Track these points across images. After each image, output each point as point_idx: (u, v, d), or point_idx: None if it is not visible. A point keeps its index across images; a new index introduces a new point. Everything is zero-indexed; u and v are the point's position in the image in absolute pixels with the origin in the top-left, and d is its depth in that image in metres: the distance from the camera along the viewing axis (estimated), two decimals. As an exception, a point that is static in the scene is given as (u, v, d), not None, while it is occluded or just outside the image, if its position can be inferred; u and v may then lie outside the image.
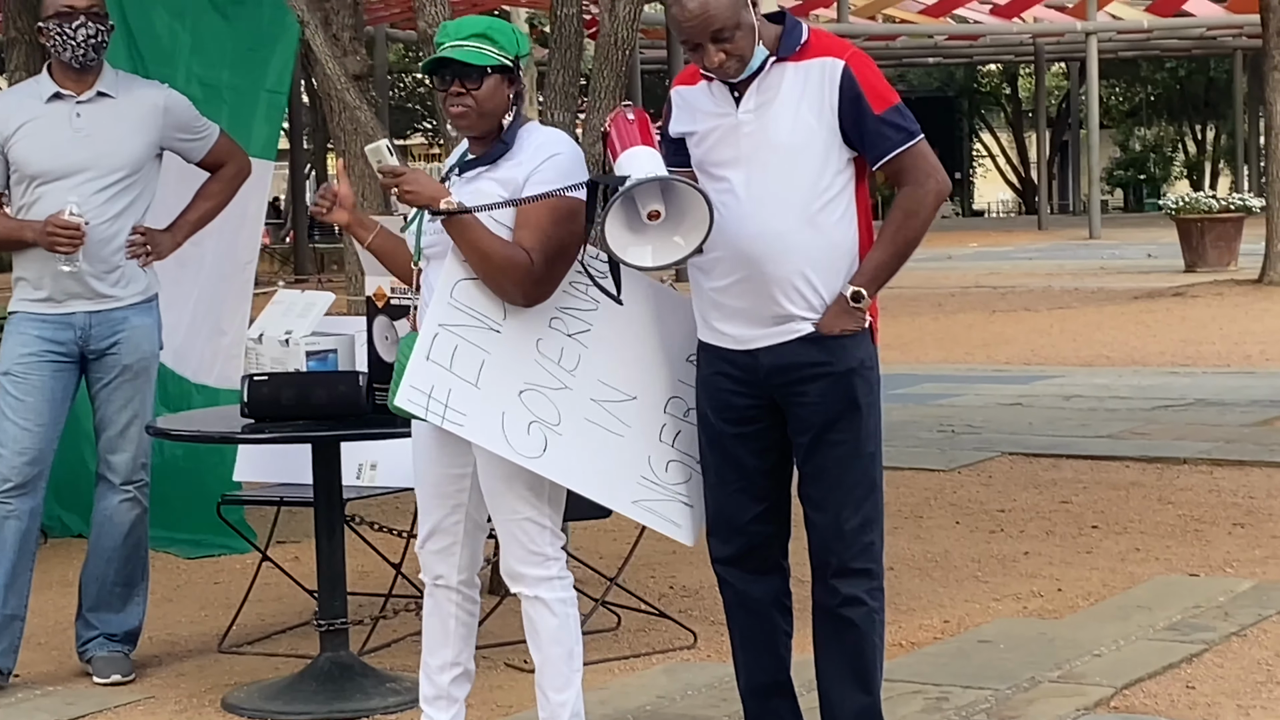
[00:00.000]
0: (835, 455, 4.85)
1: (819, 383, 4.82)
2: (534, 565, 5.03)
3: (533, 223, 4.91)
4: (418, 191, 4.89)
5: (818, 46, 4.83)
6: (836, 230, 4.81)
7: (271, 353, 6.21)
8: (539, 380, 4.94)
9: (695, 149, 4.92)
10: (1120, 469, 10.29)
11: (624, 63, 7.47)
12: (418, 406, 4.81)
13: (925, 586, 7.59)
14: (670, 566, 7.97)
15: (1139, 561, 7.91)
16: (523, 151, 5.03)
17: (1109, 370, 15.31)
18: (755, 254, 4.78)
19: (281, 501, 7.29)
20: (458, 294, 4.91)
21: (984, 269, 30.04)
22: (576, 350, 5.01)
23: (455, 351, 4.86)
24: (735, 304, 4.86)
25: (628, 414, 5.06)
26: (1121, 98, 63.84)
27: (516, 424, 4.88)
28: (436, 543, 5.22)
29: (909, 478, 10.18)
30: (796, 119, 4.79)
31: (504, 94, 5.03)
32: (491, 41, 5.00)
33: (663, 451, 5.09)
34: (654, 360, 5.12)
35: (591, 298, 5.04)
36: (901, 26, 43.50)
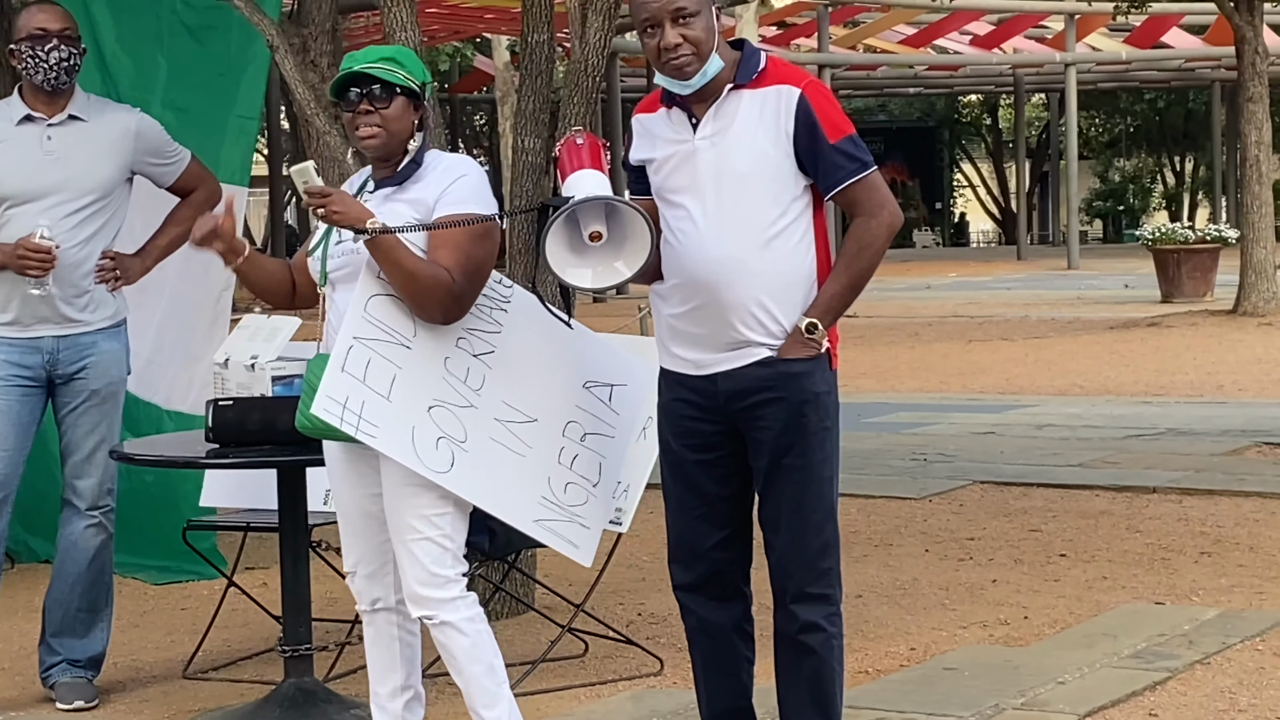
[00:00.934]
0: (792, 480, 4.87)
1: (776, 407, 4.83)
2: (435, 588, 5.05)
3: (450, 243, 4.98)
4: (344, 212, 4.95)
5: (775, 74, 4.85)
6: (793, 256, 4.83)
7: (237, 377, 6.21)
8: (447, 397, 5.05)
9: (654, 176, 4.94)
10: (1090, 498, 10.31)
11: (594, 89, 7.48)
12: (333, 416, 4.89)
13: (893, 614, 7.59)
14: (638, 593, 7.97)
15: (1106, 590, 7.93)
16: (431, 173, 5.12)
17: (1082, 400, 15.35)
18: (712, 280, 4.80)
19: (248, 527, 7.27)
20: (371, 308, 5.00)
21: (962, 298, 30.11)
22: (481, 370, 5.12)
23: (369, 364, 4.96)
24: (693, 330, 4.87)
25: (529, 435, 5.18)
26: (1101, 129, 64.02)
27: (426, 438, 4.98)
28: (366, 567, 5.27)
29: (880, 505, 10.19)
30: (753, 145, 4.81)
31: (410, 117, 5.12)
32: (400, 65, 5.12)
33: (561, 473, 5.22)
34: (552, 385, 5.26)
35: (495, 320, 5.16)
36: (882, 57, 43.63)
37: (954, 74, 47.53)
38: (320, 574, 7.12)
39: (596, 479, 5.28)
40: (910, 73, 46.97)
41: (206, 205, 6.82)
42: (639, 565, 8.59)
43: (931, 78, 48.70)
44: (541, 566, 7.73)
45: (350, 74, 5.08)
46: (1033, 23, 42.20)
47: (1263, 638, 6.99)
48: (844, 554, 5.05)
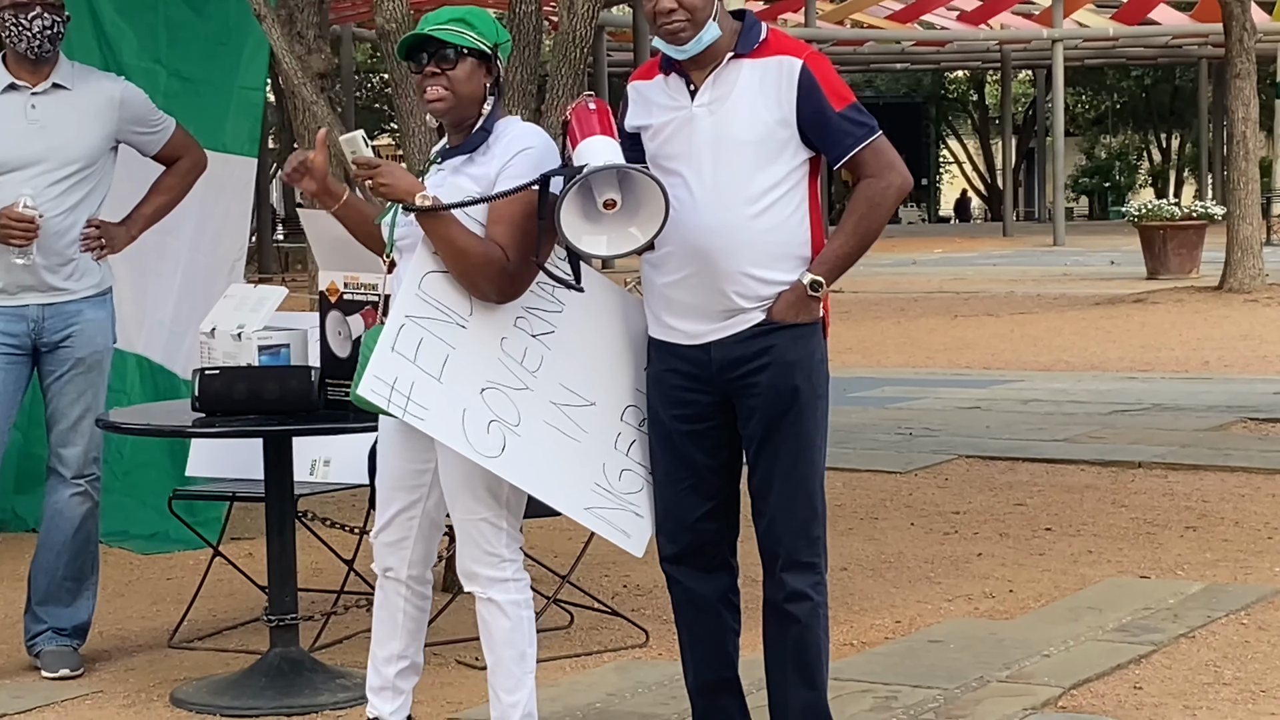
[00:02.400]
0: (786, 446, 4.86)
1: (769, 373, 4.82)
2: (489, 566, 5.01)
3: (506, 218, 4.85)
4: (392, 185, 4.82)
5: (776, 45, 4.85)
6: (787, 225, 4.82)
7: (224, 347, 6.20)
8: (501, 379, 4.89)
9: (649, 142, 4.92)
10: (1075, 472, 10.33)
11: (582, 60, 7.47)
12: (380, 397, 4.74)
13: (878, 587, 7.60)
14: (624, 565, 7.97)
15: (1091, 563, 7.94)
16: (497, 145, 4.96)
17: (1068, 375, 15.37)
18: (706, 248, 4.79)
19: (234, 497, 7.27)
20: (426, 286, 4.85)
21: (948, 274, 30.14)
22: (540, 351, 4.96)
23: (420, 344, 4.81)
24: (686, 299, 4.86)
25: (586, 419, 5.01)
26: (1087, 105, 64.09)
27: (477, 422, 4.83)
28: (390, 535, 5.20)
29: (866, 479, 10.21)
30: (752, 114, 4.80)
31: (480, 80, 4.95)
32: (470, 26, 4.94)
33: (617, 460, 5.05)
34: (614, 367, 5.09)
35: (557, 299, 4.99)
36: (869, 32, 43.64)
37: (941, 50, 47.57)
38: (306, 544, 7.12)
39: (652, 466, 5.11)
40: (897, 48, 46.98)
41: (192, 174, 6.81)
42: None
43: (918, 53, 48.72)
44: (527, 538, 7.67)
45: (418, 36, 4.96)
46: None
47: (1247, 611, 7.01)
48: (829, 527, 5.05)
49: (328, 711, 6.00)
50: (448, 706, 6.00)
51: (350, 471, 7.03)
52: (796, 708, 4.99)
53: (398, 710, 5.30)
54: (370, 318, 5.61)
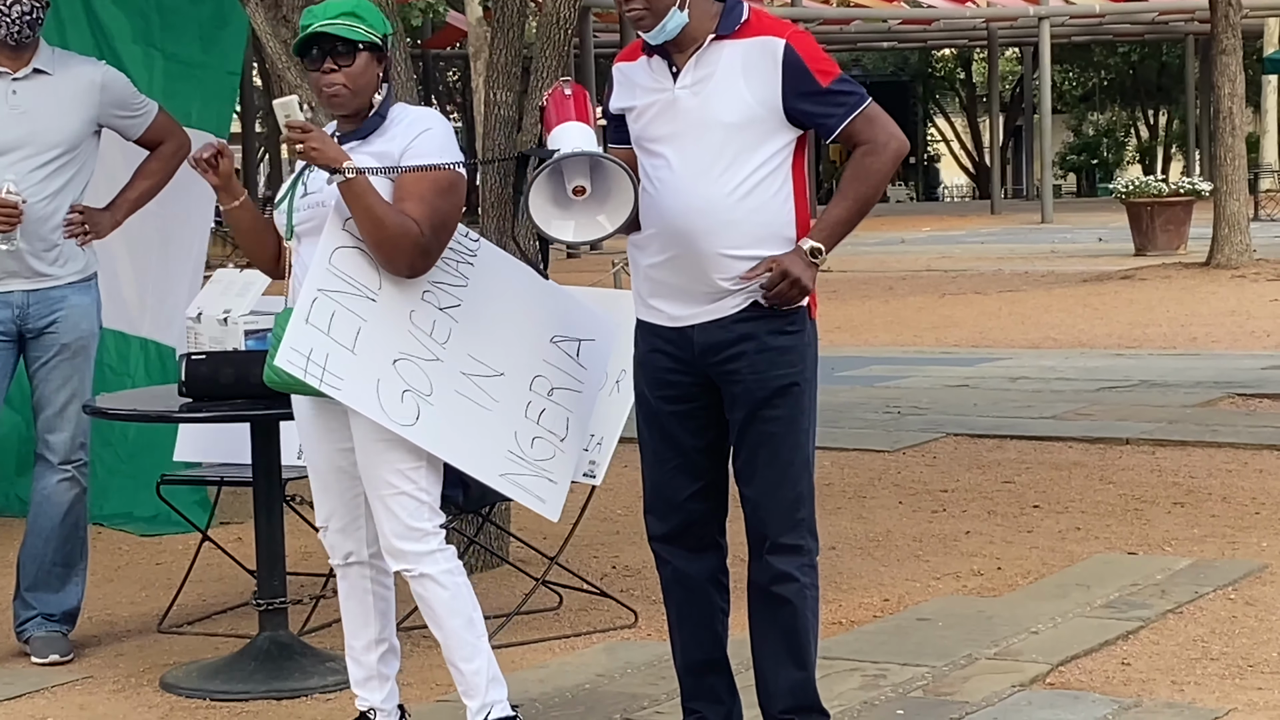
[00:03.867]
0: (769, 431, 4.86)
1: (753, 358, 4.82)
2: (414, 541, 5.04)
3: (417, 195, 4.96)
4: (322, 150, 4.91)
5: (758, 25, 4.83)
6: (771, 206, 4.81)
7: (210, 332, 6.21)
8: (412, 350, 5.02)
9: (634, 124, 4.92)
10: (1063, 449, 10.34)
11: (566, 42, 7.46)
12: (296, 368, 4.87)
13: (866, 566, 7.62)
14: (613, 546, 7.98)
15: (1079, 540, 7.96)
16: (395, 127, 5.09)
17: (1055, 352, 15.39)
18: (690, 229, 4.79)
19: (222, 481, 7.28)
20: (336, 260, 4.97)
21: (936, 253, 30.16)
22: (447, 324, 5.09)
23: (333, 317, 4.93)
24: (670, 280, 4.86)
25: (495, 389, 5.15)
26: (1074, 82, 64.09)
27: (391, 391, 4.96)
28: (338, 521, 5.26)
29: (854, 458, 10.22)
30: (734, 95, 4.78)
31: (374, 71, 5.09)
32: (360, 19, 5.05)
33: (528, 428, 5.20)
34: (520, 339, 5.23)
35: (461, 274, 5.14)
36: (855, 10, 43.62)
37: (928, 28, 47.54)
38: (295, 528, 7.12)
39: (564, 434, 5.27)
40: (884, 27, 46.95)
41: (175, 158, 6.81)
42: (612, 518, 8.61)
43: (905, 31, 48.70)
44: (516, 520, 7.74)
45: (312, 33, 5.04)
46: (1007, -24, 42.21)
47: (1235, 587, 7.03)
48: (818, 506, 5.04)
49: (317, 695, 6.02)
50: (436, 690, 6.01)
51: (338, 455, 7.01)
52: (785, 688, 5.00)
53: (388, 698, 5.31)
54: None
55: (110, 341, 8.99)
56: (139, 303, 8.97)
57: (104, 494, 8.76)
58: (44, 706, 6.04)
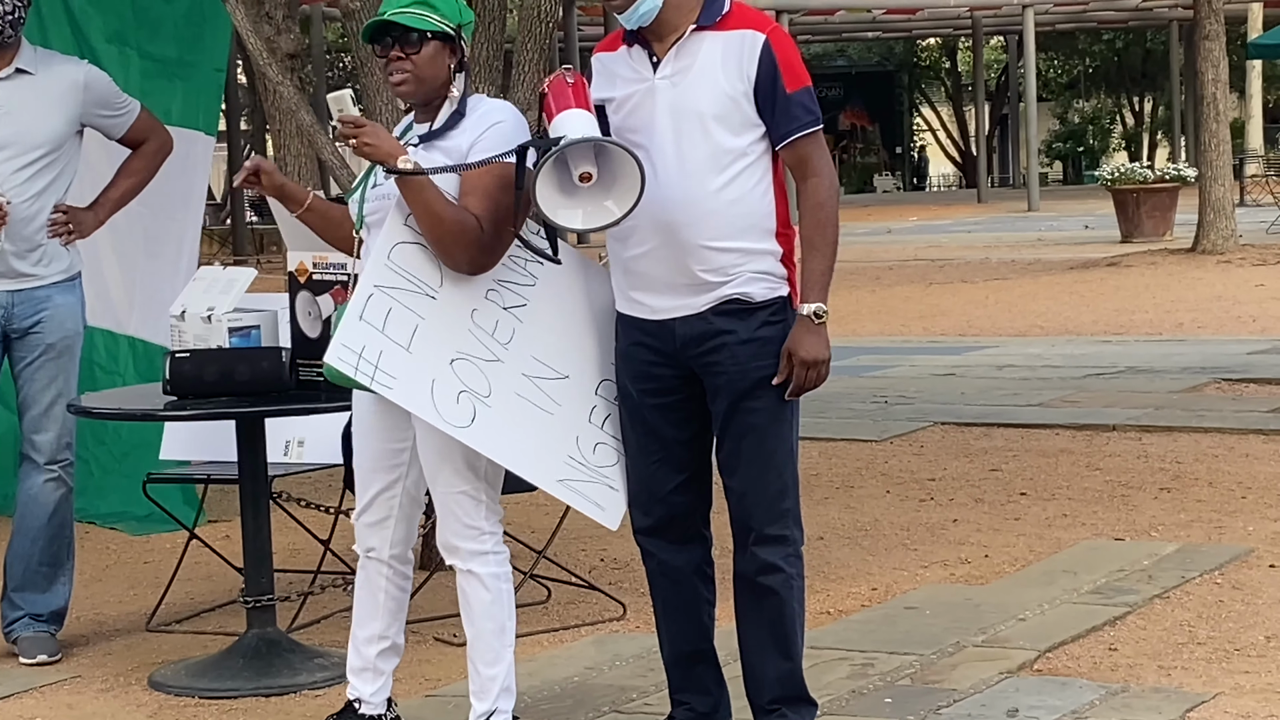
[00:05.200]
0: (751, 423, 4.86)
1: (734, 350, 4.82)
2: (469, 539, 5.02)
3: (480, 190, 4.87)
4: (376, 145, 4.83)
5: (740, 18, 4.83)
6: (750, 198, 4.81)
7: (194, 329, 6.19)
8: (471, 350, 4.90)
9: (614, 115, 4.91)
10: (1050, 436, 10.36)
11: (548, 36, 7.46)
12: (347, 365, 4.75)
13: (854, 555, 7.62)
14: (600, 539, 7.98)
15: (1066, 527, 7.97)
16: (468, 120, 4.99)
17: (1042, 340, 15.41)
18: (669, 221, 4.79)
19: (208, 479, 7.27)
20: (395, 257, 4.86)
21: (923, 242, 30.17)
22: (511, 324, 4.96)
23: (389, 314, 4.81)
24: (651, 272, 4.86)
25: (559, 392, 5.01)
26: (1059, 70, 64.05)
27: (446, 392, 4.83)
28: (371, 515, 5.21)
29: (841, 448, 10.23)
30: (714, 87, 4.78)
31: (444, 61, 4.98)
32: (432, 8, 4.96)
33: (591, 433, 5.05)
34: (589, 341, 5.09)
35: (530, 273, 5.00)
36: (839, 1, 43.55)
37: (912, 17, 47.49)
38: (282, 525, 7.13)
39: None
40: (868, 16, 46.91)
41: (158, 156, 6.80)
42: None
43: (890, 21, 48.64)
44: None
45: (381, 20, 4.97)
46: (990, -36, 42.20)
47: (1221, 571, 7.05)
48: (805, 496, 5.06)
49: (306, 691, 6.02)
50: (425, 684, 6.01)
51: (325, 451, 7.01)
52: (772, 678, 5.01)
53: (378, 691, 5.31)
54: (340, 297, 5.62)
55: (99, 340, 9.00)
56: (127, 301, 8.97)
57: (99, 493, 8.76)
58: (32, 706, 6.04)
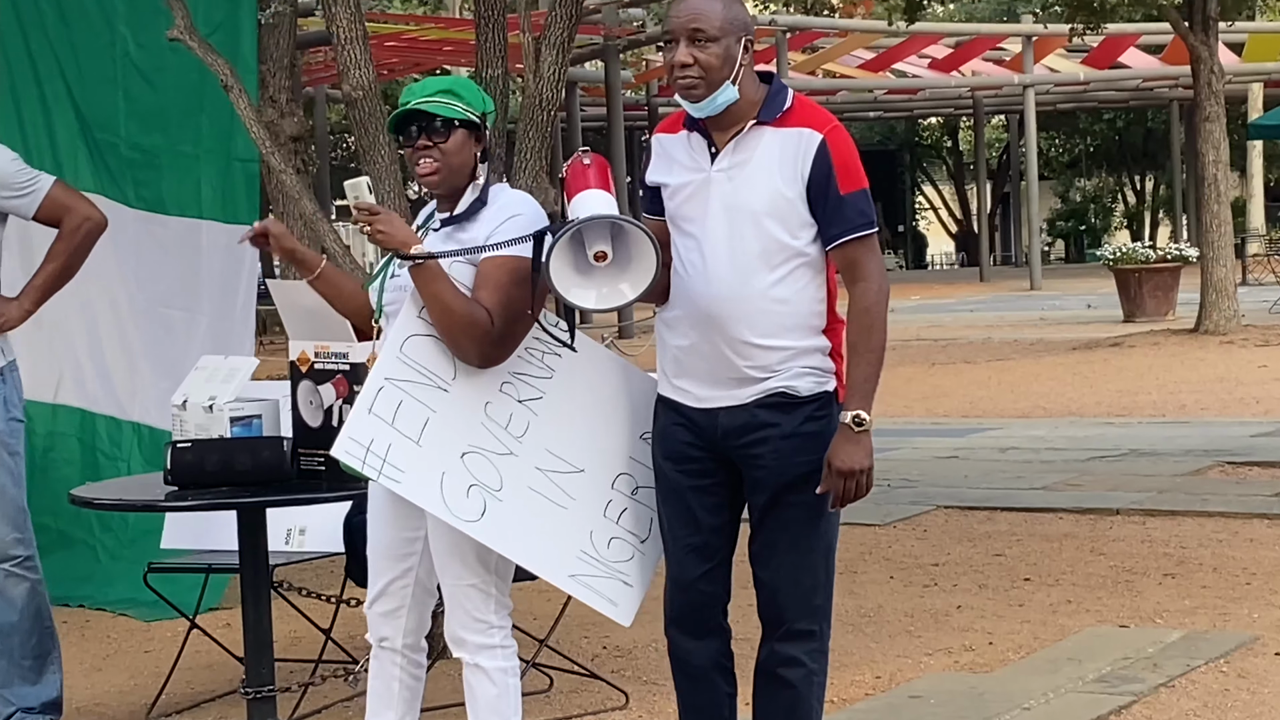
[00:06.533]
0: (791, 517, 4.80)
1: (778, 444, 4.77)
2: (477, 632, 4.98)
3: (492, 282, 4.85)
4: (390, 234, 4.82)
5: (801, 115, 4.78)
6: (801, 297, 4.76)
7: (196, 419, 6.17)
8: (484, 444, 4.86)
9: (669, 201, 4.86)
10: (1054, 520, 10.33)
11: (549, 122, 7.47)
12: (354, 459, 4.72)
13: (858, 642, 7.59)
14: (603, 627, 7.94)
15: (1070, 613, 7.94)
16: (487, 210, 4.98)
17: (1045, 422, 15.39)
18: (717, 315, 4.75)
19: (209, 569, 7.24)
20: (408, 349, 4.84)
21: (925, 321, 30.19)
22: (526, 417, 4.92)
23: (400, 407, 4.78)
24: (697, 362, 4.82)
25: (574, 486, 4.97)
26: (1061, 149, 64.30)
27: (456, 486, 4.79)
28: (384, 604, 5.17)
29: (844, 533, 10.00)
30: (769, 184, 4.73)
31: (470, 150, 4.98)
32: (457, 97, 4.96)
33: (606, 527, 5.00)
34: (607, 434, 5.04)
35: (547, 365, 4.97)
36: (841, 81, 43.76)
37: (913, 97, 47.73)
38: (283, 614, 7.09)
39: (645, 535, 5.05)
40: (870, 97, 47.15)
41: (78, 234, 6.51)
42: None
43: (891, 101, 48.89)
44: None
45: (407, 110, 4.98)
46: (991, 45, 42.40)
47: (1227, 659, 7.01)
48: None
49: (306, 783, 5.99)
50: (427, 775, 5.97)
51: (326, 540, 7.00)
52: (784, 770, 4.94)
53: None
54: (341, 386, 5.61)
55: (101, 427, 9.02)
56: (130, 387, 8.99)
57: (106, 580, 8.75)
58: (32, 799, 6.01)
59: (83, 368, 9.14)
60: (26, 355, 9.00)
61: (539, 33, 7.47)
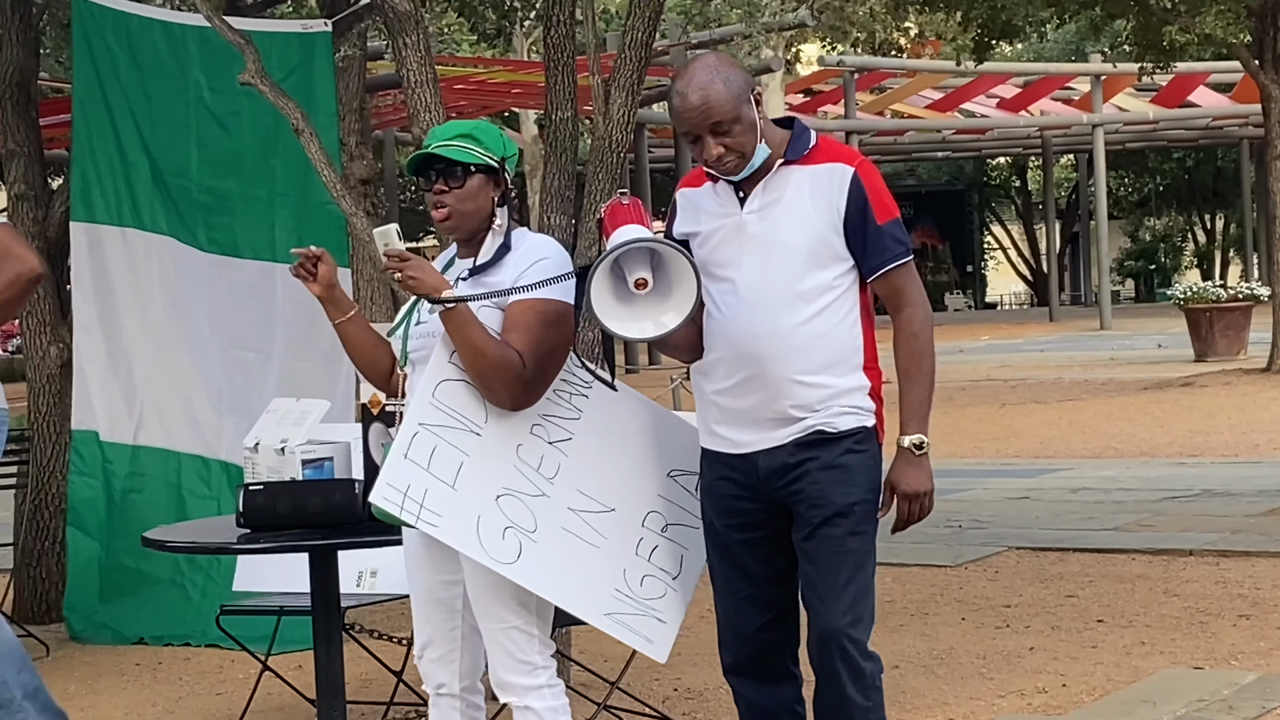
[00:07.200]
0: (828, 550, 4.80)
1: (816, 475, 4.78)
2: (523, 674, 4.97)
3: (522, 325, 4.86)
4: (420, 279, 4.83)
5: (827, 152, 4.83)
6: (838, 331, 4.79)
7: (267, 461, 6.21)
8: (517, 486, 4.89)
9: (699, 249, 4.88)
10: (1126, 561, 10.26)
11: (619, 164, 7.49)
12: (392, 504, 4.74)
13: (930, 684, 7.55)
14: (675, 669, 7.93)
15: (1144, 655, 7.88)
16: (512, 255, 5.00)
17: (1117, 462, 15.30)
18: (757, 354, 4.77)
19: (281, 611, 7.26)
20: (440, 394, 4.86)
21: (995, 361, 30.07)
22: (556, 458, 4.95)
23: (434, 451, 4.81)
24: (736, 405, 4.84)
25: (605, 525, 5.00)
26: (1130, 188, 64.06)
27: (491, 528, 4.82)
28: (435, 651, 5.17)
29: (915, 574, 10.15)
30: (802, 220, 4.77)
31: (488, 195, 5.00)
32: (476, 141, 4.98)
33: (638, 565, 5.03)
34: (635, 473, 5.08)
35: (575, 406, 5.00)
36: (909, 122, 43.73)
37: (982, 137, 47.63)
38: (355, 655, 7.11)
39: (677, 571, 5.09)
40: (938, 137, 47.07)
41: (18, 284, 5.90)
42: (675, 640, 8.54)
43: (959, 141, 48.80)
44: (576, 643, 7.70)
45: (426, 154, 5.00)
46: (1059, 85, 42.33)
47: (1303, 701, 6.95)
48: (879, 624, 4.99)
49: (379, 825, 5.99)
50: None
51: (397, 582, 6.99)
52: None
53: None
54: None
55: (188, 466, 9.09)
56: (215, 426, 9.05)
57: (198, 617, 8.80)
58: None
59: (165, 408, 9.21)
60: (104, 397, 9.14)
61: (608, 75, 7.50)
